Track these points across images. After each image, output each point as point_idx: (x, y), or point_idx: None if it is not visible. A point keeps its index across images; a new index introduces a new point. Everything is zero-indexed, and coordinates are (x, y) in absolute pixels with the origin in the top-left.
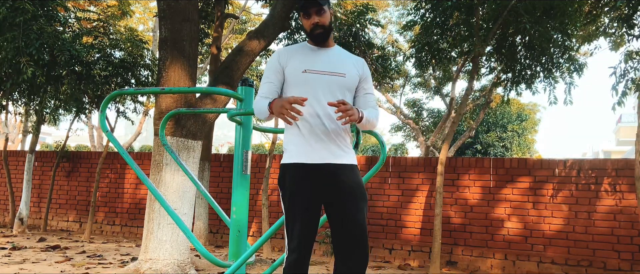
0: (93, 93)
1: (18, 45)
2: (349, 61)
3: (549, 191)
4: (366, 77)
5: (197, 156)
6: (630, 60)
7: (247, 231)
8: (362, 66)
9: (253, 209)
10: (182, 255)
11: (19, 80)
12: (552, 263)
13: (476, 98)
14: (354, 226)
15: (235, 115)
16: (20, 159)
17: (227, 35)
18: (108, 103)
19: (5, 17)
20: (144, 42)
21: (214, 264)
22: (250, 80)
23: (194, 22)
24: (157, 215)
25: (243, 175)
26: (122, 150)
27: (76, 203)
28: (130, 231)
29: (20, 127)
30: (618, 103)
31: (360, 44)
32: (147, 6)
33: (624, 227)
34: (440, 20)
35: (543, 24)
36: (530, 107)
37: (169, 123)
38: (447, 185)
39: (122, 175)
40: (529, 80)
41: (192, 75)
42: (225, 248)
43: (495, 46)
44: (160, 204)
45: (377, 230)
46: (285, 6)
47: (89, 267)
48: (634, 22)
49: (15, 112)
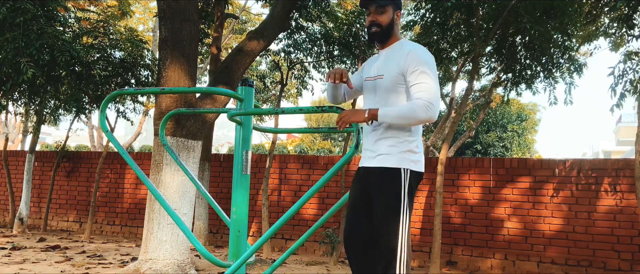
0: (93, 93)
1: (18, 45)
2: (395, 58)
3: (549, 191)
4: (408, 70)
5: (197, 156)
6: (629, 61)
7: (247, 231)
8: (405, 59)
9: (253, 209)
10: (182, 255)
11: (19, 81)
12: (552, 263)
13: (476, 98)
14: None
15: (235, 115)
16: (20, 159)
17: (227, 35)
18: (108, 104)
19: (5, 18)
20: (144, 42)
21: (214, 264)
22: (250, 80)
23: (194, 22)
24: (157, 215)
25: (243, 175)
26: (122, 150)
27: (76, 203)
28: (130, 231)
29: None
30: (616, 105)
31: (360, 44)
32: (147, 6)
33: (624, 227)
34: (440, 20)
35: (543, 24)
36: (530, 107)
37: (169, 123)
38: (447, 185)
39: (122, 175)
40: (529, 80)
41: (192, 75)
42: (225, 248)
43: (495, 46)
44: (160, 204)
45: None
46: (285, 6)
47: (89, 267)
48: (634, 22)
49: (15, 112)
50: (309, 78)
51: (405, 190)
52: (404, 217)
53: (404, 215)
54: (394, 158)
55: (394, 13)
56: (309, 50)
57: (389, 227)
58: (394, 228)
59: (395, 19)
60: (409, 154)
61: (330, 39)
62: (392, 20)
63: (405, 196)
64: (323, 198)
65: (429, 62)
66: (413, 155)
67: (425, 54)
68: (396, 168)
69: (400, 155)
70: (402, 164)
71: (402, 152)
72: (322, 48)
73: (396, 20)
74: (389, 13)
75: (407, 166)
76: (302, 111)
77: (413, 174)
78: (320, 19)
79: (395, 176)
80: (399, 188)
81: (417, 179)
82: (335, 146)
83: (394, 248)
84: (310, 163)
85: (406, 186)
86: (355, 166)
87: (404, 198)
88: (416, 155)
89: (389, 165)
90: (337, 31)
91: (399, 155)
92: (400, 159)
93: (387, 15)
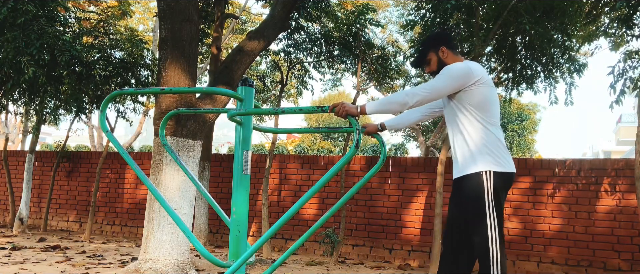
0: (93, 93)
1: (19, 45)
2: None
3: (549, 191)
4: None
5: (197, 156)
6: (629, 60)
7: (247, 231)
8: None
9: (253, 209)
10: (182, 255)
11: (20, 81)
12: (552, 263)
13: None
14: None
15: (235, 115)
16: (20, 159)
17: (227, 35)
18: (108, 103)
19: (5, 18)
20: (144, 42)
21: (214, 264)
22: (250, 80)
23: (194, 22)
24: (157, 215)
25: (243, 175)
26: (122, 150)
27: (76, 203)
28: (130, 231)
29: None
30: (616, 102)
31: (360, 44)
32: (147, 6)
33: (624, 227)
34: (441, 20)
35: (543, 24)
36: (530, 107)
37: (169, 123)
38: (447, 185)
39: (122, 175)
40: (530, 80)
41: (192, 75)
42: (225, 248)
43: (496, 46)
44: (160, 204)
45: (377, 230)
46: (285, 6)
47: (89, 267)
48: (634, 22)
49: (15, 112)
50: (309, 78)
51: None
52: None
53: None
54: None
55: (438, 53)
56: (309, 50)
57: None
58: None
59: (441, 55)
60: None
61: (330, 39)
62: (439, 60)
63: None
64: (323, 198)
65: (448, 71)
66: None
67: (449, 67)
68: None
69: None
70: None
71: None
72: (322, 48)
73: (442, 56)
74: (433, 59)
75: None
76: (302, 111)
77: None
78: (320, 19)
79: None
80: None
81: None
82: (335, 146)
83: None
84: (310, 163)
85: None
86: (355, 166)
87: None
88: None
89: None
90: (337, 31)
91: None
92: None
93: (433, 62)
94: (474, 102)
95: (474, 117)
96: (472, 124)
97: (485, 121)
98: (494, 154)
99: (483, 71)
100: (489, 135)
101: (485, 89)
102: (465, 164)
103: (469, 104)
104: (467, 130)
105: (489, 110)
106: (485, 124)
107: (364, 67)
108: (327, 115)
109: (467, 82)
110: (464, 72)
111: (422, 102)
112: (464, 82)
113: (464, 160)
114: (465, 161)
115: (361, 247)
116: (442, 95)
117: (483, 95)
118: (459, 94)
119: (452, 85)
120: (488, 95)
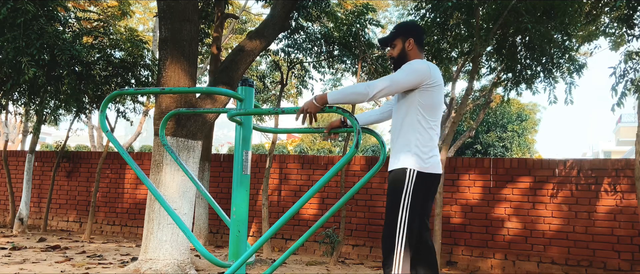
0: (93, 93)
1: (19, 45)
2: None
3: (549, 191)
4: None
5: (197, 156)
6: (630, 61)
7: (247, 231)
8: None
9: (253, 209)
10: (182, 255)
11: (20, 81)
12: (552, 263)
13: (476, 98)
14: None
15: (235, 115)
16: (20, 159)
17: (227, 35)
18: (108, 103)
19: (5, 18)
20: (144, 42)
21: (214, 264)
22: (250, 80)
23: (194, 22)
24: (157, 215)
25: (243, 175)
26: (122, 150)
27: (76, 203)
28: (130, 231)
29: (20, 127)
30: (617, 105)
31: (360, 44)
32: (147, 6)
33: (624, 227)
34: (441, 20)
35: (543, 24)
36: (530, 107)
37: (169, 123)
38: (447, 185)
39: (122, 175)
40: (529, 80)
41: (192, 75)
42: (225, 248)
43: (496, 46)
44: (160, 204)
45: (377, 230)
46: (285, 6)
47: (89, 267)
48: (634, 22)
49: (15, 112)
50: (309, 78)
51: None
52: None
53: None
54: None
55: (405, 43)
56: (309, 50)
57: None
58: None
59: (407, 45)
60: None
61: (330, 39)
62: (403, 49)
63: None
64: (323, 198)
65: (409, 66)
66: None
67: (412, 62)
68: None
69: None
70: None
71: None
72: (322, 48)
73: (407, 47)
74: (398, 45)
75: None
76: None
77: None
78: (320, 19)
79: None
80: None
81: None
82: (335, 146)
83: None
84: (310, 163)
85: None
86: (355, 166)
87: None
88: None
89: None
90: (337, 31)
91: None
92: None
93: (397, 48)
94: (424, 103)
95: (419, 117)
96: (413, 124)
97: (427, 122)
98: (423, 154)
99: (439, 74)
100: (425, 136)
101: (438, 93)
102: (395, 159)
103: (419, 104)
104: (408, 128)
105: (434, 114)
106: (426, 126)
107: (364, 67)
108: (327, 115)
109: (425, 81)
110: (425, 71)
111: (382, 94)
112: (422, 80)
113: (395, 155)
114: (396, 156)
115: (361, 247)
116: (401, 89)
117: (434, 98)
118: (414, 93)
119: (411, 81)
120: (438, 99)
